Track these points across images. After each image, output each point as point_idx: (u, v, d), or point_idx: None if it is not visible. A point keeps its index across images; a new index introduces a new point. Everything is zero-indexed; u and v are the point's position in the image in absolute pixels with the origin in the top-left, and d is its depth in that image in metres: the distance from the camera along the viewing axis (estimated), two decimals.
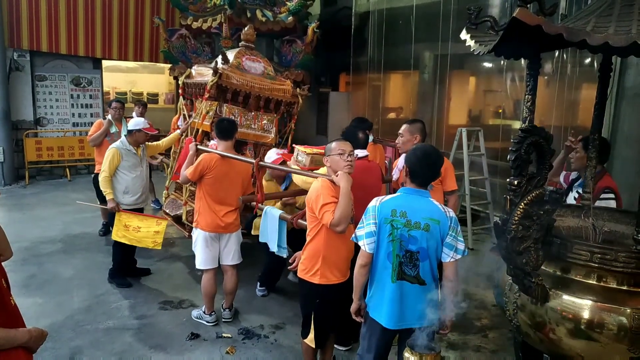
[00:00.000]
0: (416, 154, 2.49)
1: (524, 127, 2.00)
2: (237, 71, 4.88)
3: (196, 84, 5.14)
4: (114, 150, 4.48)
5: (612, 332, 1.95)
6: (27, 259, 5.26)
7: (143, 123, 4.64)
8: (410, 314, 2.43)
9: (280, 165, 4.09)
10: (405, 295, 2.42)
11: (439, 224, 2.36)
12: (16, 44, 8.82)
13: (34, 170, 9.28)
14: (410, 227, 2.36)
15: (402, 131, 3.72)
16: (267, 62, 5.35)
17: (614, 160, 5.09)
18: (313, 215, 2.84)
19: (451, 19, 7.03)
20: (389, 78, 9.09)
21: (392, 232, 2.38)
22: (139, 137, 4.61)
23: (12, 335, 1.82)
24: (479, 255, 5.64)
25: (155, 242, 4.46)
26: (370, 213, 2.46)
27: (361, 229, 2.48)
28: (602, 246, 2.12)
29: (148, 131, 4.64)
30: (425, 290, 2.41)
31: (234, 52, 5.17)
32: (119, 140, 4.65)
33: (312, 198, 2.82)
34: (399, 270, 2.40)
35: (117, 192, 4.53)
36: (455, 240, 2.38)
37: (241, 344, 3.69)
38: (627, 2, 1.97)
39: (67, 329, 3.84)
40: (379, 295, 2.49)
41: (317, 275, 2.86)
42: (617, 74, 4.94)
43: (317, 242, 2.87)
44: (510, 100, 6.77)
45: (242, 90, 4.82)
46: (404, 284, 2.41)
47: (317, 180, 2.92)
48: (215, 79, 4.61)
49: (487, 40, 2.27)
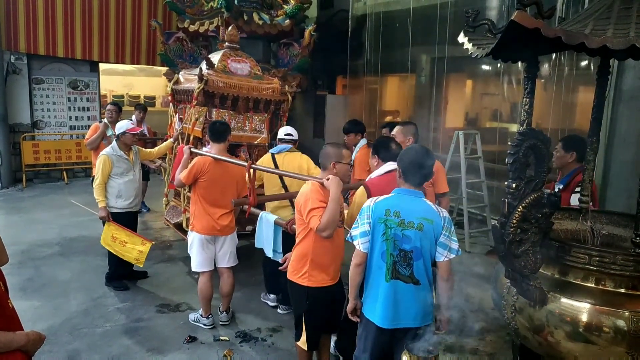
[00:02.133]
0: (408, 154, 2.52)
1: (522, 130, 2.01)
2: (223, 75, 4.82)
3: (184, 90, 5.08)
4: (104, 158, 4.44)
5: (610, 335, 1.95)
6: (24, 262, 5.23)
7: (126, 124, 4.58)
8: (405, 313, 2.44)
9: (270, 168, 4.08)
10: (399, 294, 2.42)
11: (432, 224, 2.37)
12: (13, 47, 8.81)
13: (31, 173, 9.24)
14: (404, 226, 2.38)
15: (394, 133, 3.76)
16: (253, 62, 5.26)
17: (611, 163, 5.11)
18: (301, 218, 2.83)
19: (448, 22, 7.05)
20: (386, 81, 9.11)
21: (385, 232, 2.40)
22: (126, 139, 4.55)
23: (10, 338, 1.82)
24: (476, 258, 5.65)
25: (138, 260, 4.40)
26: (365, 213, 2.47)
27: (356, 228, 2.50)
28: (600, 249, 2.13)
29: (131, 131, 4.56)
30: (420, 290, 2.43)
31: (219, 55, 5.10)
32: (109, 146, 4.62)
33: (300, 202, 2.81)
34: (393, 269, 2.41)
35: (110, 196, 4.49)
36: (449, 240, 2.40)
37: (238, 347, 3.68)
38: (625, 5, 1.98)
39: (64, 332, 3.82)
40: (374, 294, 2.50)
41: (305, 277, 2.85)
42: (615, 77, 4.96)
43: (305, 244, 2.86)
44: (507, 103, 6.79)
45: (230, 94, 4.77)
46: (398, 283, 2.42)
47: (307, 183, 2.89)
48: (201, 86, 4.57)
49: (485, 44, 2.28)
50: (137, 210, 4.85)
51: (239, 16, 7.21)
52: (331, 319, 3.04)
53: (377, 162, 3.14)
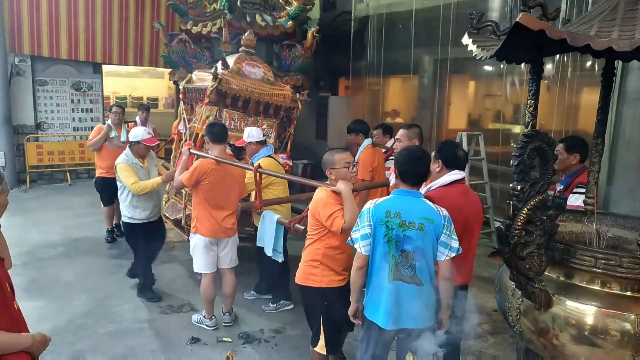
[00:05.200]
0: (403, 155, 2.53)
1: (526, 132, 2.00)
2: (237, 76, 4.89)
3: (196, 88, 5.15)
4: (124, 165, 4.19)
5: (616, 338, 1.94)
6: (28, 263, 5.24)
7: (142, 134, 4.32)
8: (407, 314, 2.45)
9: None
10: (402, 295, 2.43)
11: (433, 223, 2.38)
12: (17, 49, 8.84)
13: (34, 175, 9.27)
14: (405, 227, 2.38)
15: (399, 136, 3.72)
16: (266, 67, 5.38)
17: (615, 166, 5.09)
18: (316, 223, 2.86)
19: (451, 23, 7.04)
20: (388, 82, 9.10)
21: (387, 233, 2.40)
22: (139, 149, 4.32)
23: (16, 339, 1.83)
24: (480, 260, 5.63)
25: None
26: (365, 216, 2.47)
27: (356, 231, 2.49)
28: (606, 251, 2.11)
29: (147, 142, 4.31)
30: (422, 290, 2.43)
31: (234, 58, 5.19)
32: (122, 153, 4.35)
33: (317, 208, 2.83)
34: (396, 270, 2.41)
35: (127, 208, 4.28)
36: (449, 239, 2.41)
37: (241, 349, 3.68)
38: (630, 6, 1.97)
39: (68, 333, 3.83)
40: (376, 296, 2.49)
41: (318, 278, 2.87)
42: (619, 78, 4.94)
43: (316, 248, 2.88)
44: (510, 105, 6.78)
45: (242, 96, 4.83)
46: (401, 284, 2.42)
47: (321, 190, 2.92)
48: (215, 84, 4.62)
49: (489, 45, 2.27)
50: (158, 220, 4.56)
51: (241, 18, 7.24)
52: (347, 319, 3.05)
53: (439, 168, 2.82)
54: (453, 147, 2.91)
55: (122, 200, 4.33)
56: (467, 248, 2.74)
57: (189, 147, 4.23)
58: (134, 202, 4.28)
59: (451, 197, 2.68)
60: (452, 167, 2.78)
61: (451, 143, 3.09)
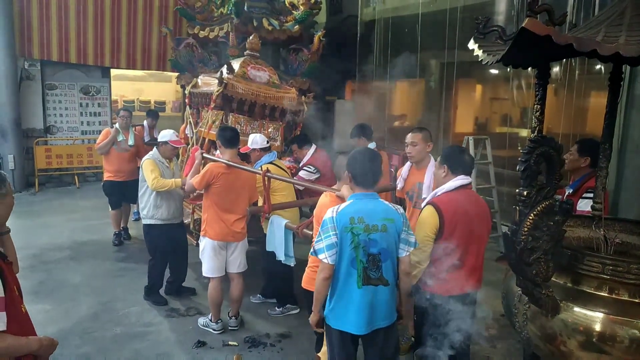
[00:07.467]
0: (354, 158, 2.53)
1: (533, 137, 1.99)
2: (243, 80, 4.89)
3: (202, 93, 5.16)
4: (150, 162, 4.23)
5: (624, 345, 1.92)
6: (36, 265, 5.28)
7: (170, 135, 4.35)
8: (379, 315, 2.48)
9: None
10: (372, 298, 2.45)
11: (394, 222, 2.43)
12: (27, 54, 8.95)
13: (43, 178, 9.35)
14: (369, 230, 2.40)
15: (415, 140, 3.55)
16: (272, 70, 5.36)
17: (624, 169, 5.04)
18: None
19: (457, 27, 7.03)
20: (394, 86, 9.10)
21: (353, 240, 2.39)
22: (166, 150, 4.35)
23: (24, 343, 1.84)
24: (487, 264, 5.59)
25: None
26: (329, 224, 2.41)
27: (320, 242, 2.43)
28: (614, 257, 2.10)
29: (175, 144, 4.39)
30: (389, 289, 2.48)
31: (239, 62, 5.19)
32: (150, 152, 4.41)
33: (321, 214, 2.81)
34: (364, 275, 2.42)
35: (149, 207, 4.28)
36: (407, 235, 2.48)
37: (247, 353, 3.68)
38: (637, 11, 1.96)
39: (74, 335, 3.85)
40: (343, 304, 2.47)
41: None
42: (627, 82, 4.90)
43: None
44: (517, 108, 6.75)
45: (248, 99, 4.82)
46: (370, 287, 2.44)
47: (325, 195, 2.93)
48: (221, 89, 4.63)
49: (495, 50, 2.27)
50: (179, 224, 4.56)
51: (248, 22, 7.26)
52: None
53: (445, 173, 2.78)
54: (459, 152, 2.86)
55: (144, 202, 4.32)
56: (477, 254, 2.73)
57: (202, 152, 4.25)
58: (157, 201, 4.27)
59: (457, 203, 2.65)
60: (458, 172, 2.74)
61: (457, 148, 3.04)
